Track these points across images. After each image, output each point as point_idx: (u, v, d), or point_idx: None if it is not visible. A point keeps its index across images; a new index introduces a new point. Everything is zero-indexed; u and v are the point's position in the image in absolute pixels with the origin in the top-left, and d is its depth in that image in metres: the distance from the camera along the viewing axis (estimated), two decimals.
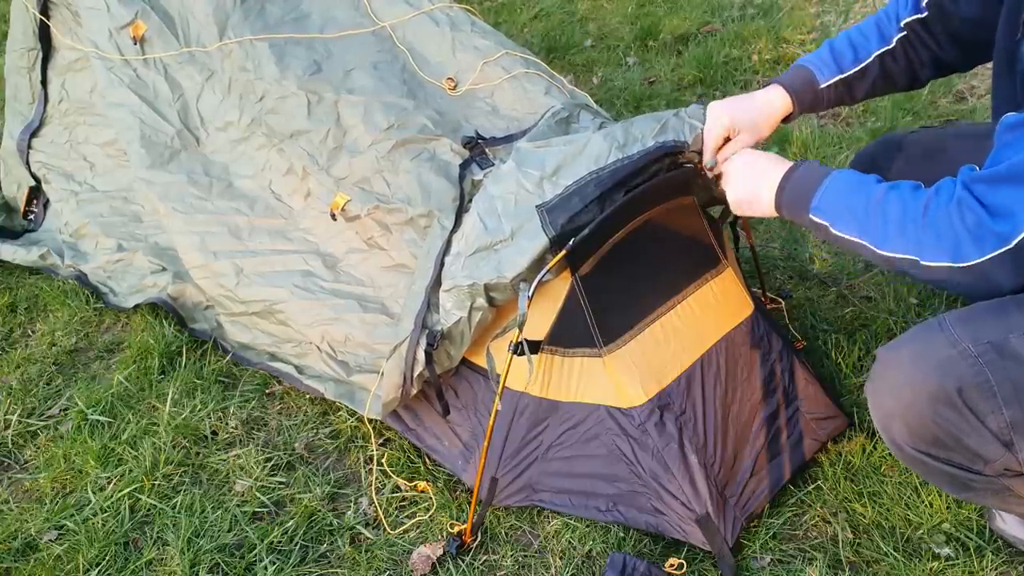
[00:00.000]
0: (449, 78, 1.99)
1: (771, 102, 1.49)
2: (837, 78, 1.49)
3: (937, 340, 1.16)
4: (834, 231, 1.23)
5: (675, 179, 1.56)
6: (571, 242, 1.39)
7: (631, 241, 1.52)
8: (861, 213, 1.20)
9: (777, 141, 2.70)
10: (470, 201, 1.64)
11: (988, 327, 1.14)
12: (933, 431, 1.16)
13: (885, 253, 1.17)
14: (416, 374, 1.55)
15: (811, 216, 1.25)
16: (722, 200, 1.49)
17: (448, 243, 1.58)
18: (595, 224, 1.42)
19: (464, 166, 1.73)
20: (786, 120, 1.52)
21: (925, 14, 1.44)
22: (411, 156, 1.80)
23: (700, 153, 1.50)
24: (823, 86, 1.49)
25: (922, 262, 1.14)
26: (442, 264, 1.56)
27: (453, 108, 1.94)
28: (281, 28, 2.08)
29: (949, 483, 1.25)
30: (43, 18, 2.29)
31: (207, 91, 2.12)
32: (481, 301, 1.48)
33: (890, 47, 1.48)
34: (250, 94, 2.04)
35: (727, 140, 1.48)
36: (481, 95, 1.98)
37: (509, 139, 1.80)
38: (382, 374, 1.61)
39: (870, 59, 1.48)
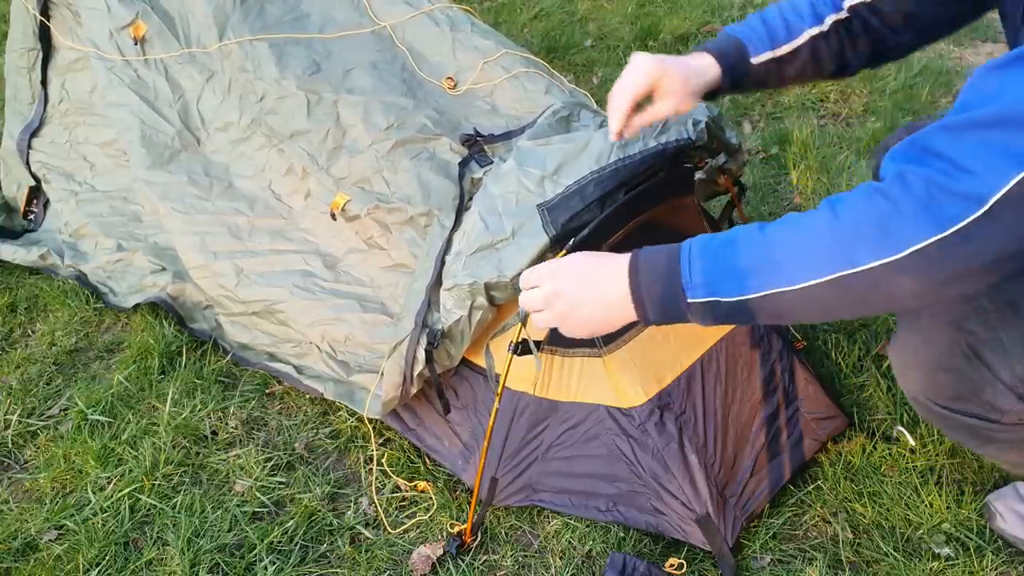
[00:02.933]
0: (449, 77, 1.99)
1: (703, 71, 1.29)
2: (769, 56, 1.32)
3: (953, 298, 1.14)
4: (730, 299, 0.97)
5: (675, 179, 1.56)
6: (571, 242, 1.39)
7: (631, 241, 1.52)
8: (752, 258, 0.97)
9: (777, 141, 2.70)
10: (470, 199, 1.64)
11: (1008, 286, 1.11)
12: (951, 385, 1.18)
13: (802, 285, 0.92)
14: (416, 373, 1.55)
15: (689, 300, 1.00)
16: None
17: (448, 242, 1.58)
18: (595, 224, 1.42)
19: (463, 164, 1.73)
20: (709, 96, 1.34)
21: None
22: (411, 156, 1.80)
23: (695, 148, 1.45)
24: (754, 62, 1.32)
25: (858, 268, 0.89)
26: (443, 263, 1.56)
27: (453, 107, 1.94)
28: (280, 28, 2.08)
29: (971, 437, 1.26)
30: (43, 19, 2.29)
31: (207, 92, 2.12)
32: (482, 300, 1.48)
33: (823, 29, 1.33)
34: (250, 94, 2.04)
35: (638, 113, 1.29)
36: (481, 94, 1.98)
37: (508, 136, 1.80)
38: (382, 373, 1.61)
39: (803, 39, 1.32)
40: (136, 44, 2.15)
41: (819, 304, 0.94)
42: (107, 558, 1.55)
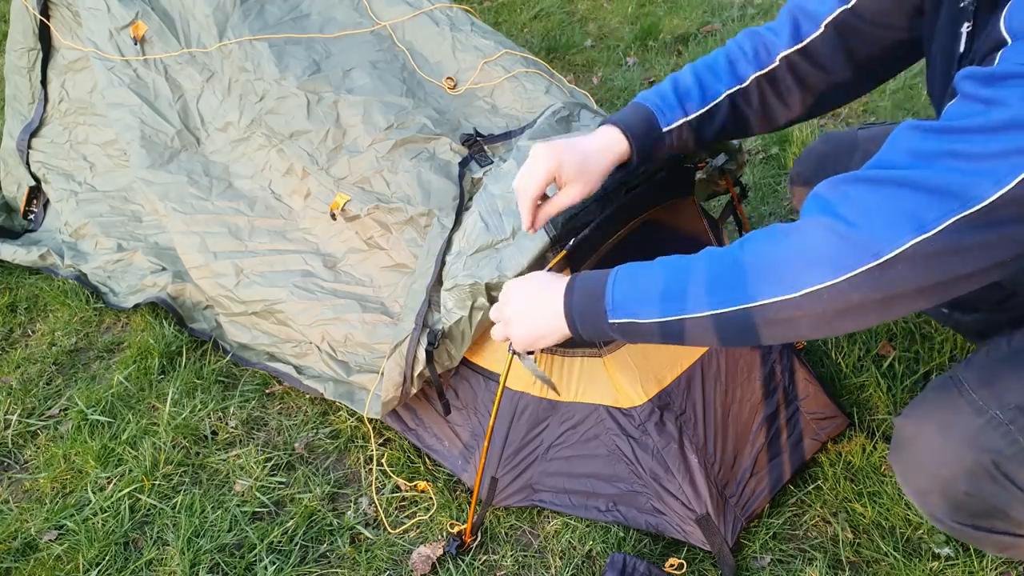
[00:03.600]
0: (449, 77, 1.99)
1: (607, 148, 1.29)
2: (681, 121, 1.31)
3: (961, 409, 1.11)
4: (643, 320, 1.06)
5: (675, 179, 1.56)
6: (571, 242, 1.39)
7: (631, 241, 1.52)
8: (663, 284, 1.05)
9: (777, 141, 2.70)
10: (470, 200, 1.64)
11: (1011, 388, 1.09)
12: (975, 505, 1.12)
13: (708, 311, 1.00)
14: (416, 373, 1.55)
15: (610, 320, 1.09)
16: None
17: (449, 242, 1.58)
18: (595, 224, 1.42)
19: (463, 164, 1.73)
20: (621, 167, 1.33)
21: (809, 38, 1.28)
22: (411, 156, 1.80)
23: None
24: (665, 130, 1.31)
25: (757, 301, 0.96)
26: (443, 263, 1.56)
27: (452, 107, 1.94)
28: (280, 29, 2.08)
29: (996, 548, 1.22)
30: (43, 19, 2.29)
31: (207, 92, 2.12)
32: (482, 300, 1.48)
33: (743, 86, 1.32)
34: (250, 94, 2.04)
35: (544, 198, 1.32)
36: (480, 94, 1.98)
37: (507, 136, 1.80)
38: (382, 373, 1.61)
39: (719, 99, 1.32)
40: (136, 44, 2.15)
41: (721, 331, 1.02)
42: (107, 558, 1.55)
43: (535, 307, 1.18)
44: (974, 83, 0.89)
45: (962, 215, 0.86)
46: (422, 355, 1.53)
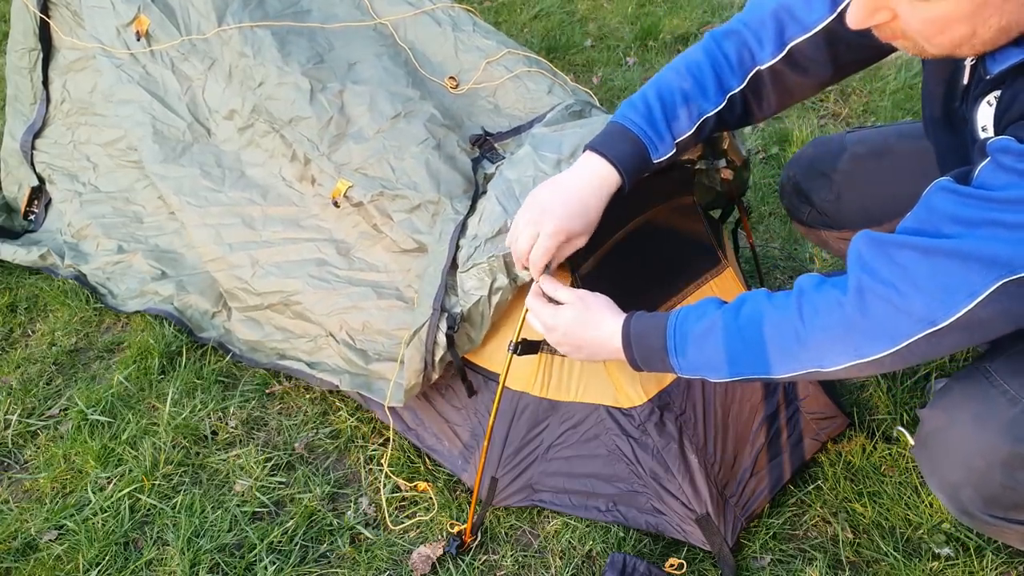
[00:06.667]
0: (451, 77, 1.99)
1: (601, 187, 1.29)
2: (672, 153, 1.32)
3: (994, 398, 1.10)
4: (715, 380, 1.18)
5: (676, 178, 1.56)
6: None
7: (631, 240, 1.52)
8: (730, 353, 1.13)
9: (777, 141, 2.70)
10: (483, 194, 1.63)
11: None
12: (1011, 497, 1.11)
13: (782, 376, 1.11)
14: (438, 359, 1.53)
15: (680, 375, 1.21)
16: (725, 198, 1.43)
17: (463, 226, 1.56)
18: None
19: (476, 162, 1.73)
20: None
21: (793, 43, 1.27)
22: (417, 142, 1.78)
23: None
24: (656, 161, 1.31)
25: (824, 369, 1.07)
26: (457, 247, 1.54)
27: (455, 106, 1.93)
28: (281, 20, 2.07)
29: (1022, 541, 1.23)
30: (44, 17, 2.28)
31: (211, 80, 2.10)
32: (502, 278, 1.46)
33: (728, 106, 1.33)
34: (249, 80, 2.02)
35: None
36: (483, 94, 1.97)
37: (516, 131, 1.80)
38: (402, 361, 1.59)
39: (706, 116, 1.32)
40: (140, 39, 2.15)
41: (789, 382, 1.17)
42: (107, 558, 1.55)
43: (592, 346, 1.29)
44: (1012, 157, 0.94)
45: (1009, 279, 0.92)
46: (442, 340, 1.50)
